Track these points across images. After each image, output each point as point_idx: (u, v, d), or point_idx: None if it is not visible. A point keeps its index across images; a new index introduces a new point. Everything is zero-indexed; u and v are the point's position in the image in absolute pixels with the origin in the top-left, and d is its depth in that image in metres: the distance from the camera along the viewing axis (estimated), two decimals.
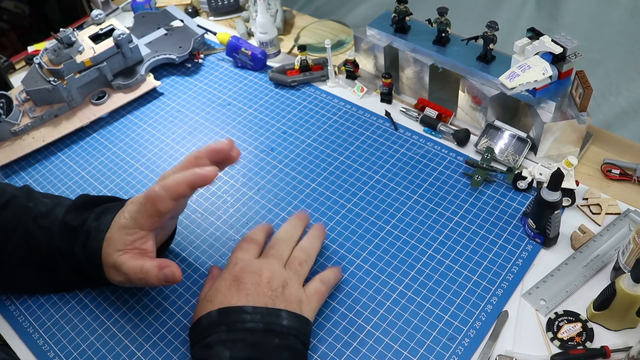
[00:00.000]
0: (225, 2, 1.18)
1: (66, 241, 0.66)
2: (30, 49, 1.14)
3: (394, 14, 0.88)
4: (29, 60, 1.13)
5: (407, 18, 0.88)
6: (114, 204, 0.68)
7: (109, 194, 0.84)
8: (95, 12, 1.01)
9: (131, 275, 0.61)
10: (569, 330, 0.61)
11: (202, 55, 1.06)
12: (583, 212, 0.73)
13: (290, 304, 0.59)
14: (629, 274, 0.56)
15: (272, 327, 0.56)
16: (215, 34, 1.07)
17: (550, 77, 0.73)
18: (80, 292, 0.71)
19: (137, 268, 0.61)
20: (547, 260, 0.69)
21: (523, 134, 0.80)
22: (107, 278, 0.64)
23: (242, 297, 0.58)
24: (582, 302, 0.64)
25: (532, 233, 0.70)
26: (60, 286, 0.71)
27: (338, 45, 1.07)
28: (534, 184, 0.76)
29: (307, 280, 0.65)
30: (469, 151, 0.84)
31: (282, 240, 0.67)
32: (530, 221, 0.69)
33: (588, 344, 0.60)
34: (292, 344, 0.57)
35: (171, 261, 0.62)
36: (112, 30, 0.98)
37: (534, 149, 0.80)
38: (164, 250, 0.74)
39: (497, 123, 0.82)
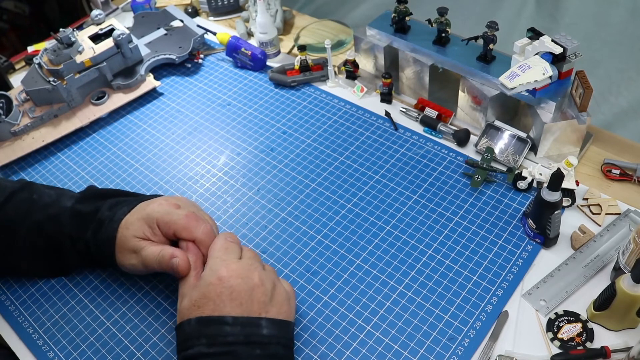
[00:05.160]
0: (225, 2, 1.18)
1: (76, 227, 0.68)
2: (30, 49, 1.14)
3: (394, 14, 0.88)
4: (29, 61, 1.13)
5: (407, 18, 0.88)
6: (128, 198, 0.69)
7: None
8: (95, 12, 1.01)
9: (148, 259, 0.62)
10: (569, 330, 0.61)
11: (202, 55, 1.06)
12: (583, 212, 0.73)
13: (282, 305, 0.58)
14: (629, 274, 0.56)
15: (252, 339, 0.55)
16: (215, 34, 1.07)
17: (550, 77, 0.73)
18: (80, 292, 0.71)
19: (156, 252, 0.62)
20: (547, 260, 0.69)
21: (523, 134, 0.80)
22: (117, 262, 0.65)
23: (236, 306, 0.56)
24: (582, 302, 0.64)
25: (532, 233, 0.70)
26: (64, 269, 0.73)
27: (338, 45, 1.07)
28: (534, 184, 0.76)
29: None
30: (469, 151, 0.84)
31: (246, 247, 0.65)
32: (530, 221, 0.69)
33: (588, 344, 0.60)
34: (274, 352, 0.56)
35: (184, 253, 0.61)
36: (112, 30, 0.98)
37: (534, 149, 0.80)
38: None
39: (497, 123, 0.82)
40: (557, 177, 0.62)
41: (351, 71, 0.96)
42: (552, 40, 0.72)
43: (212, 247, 0.62)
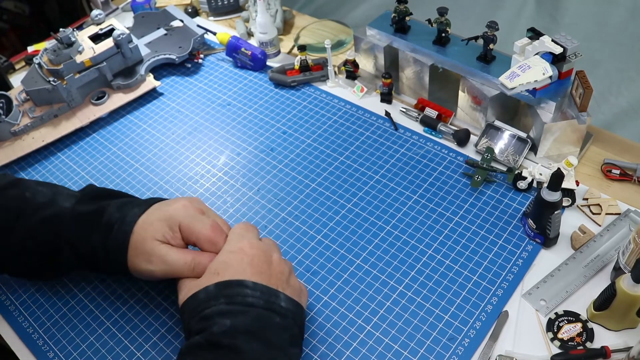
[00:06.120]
0: (225, 2, 1.18)
1: (79, 231, 0.62)
2: (30, 49, 1.14)
3: (394, 14, 0.88)
4: (29, 60, 1.13)
5: (407, 18, 0.88)
6: (133, 199, 0.65)
7: None
8: (95, 12, 1.01)
9: (177, 266, 0.58)
10: (569, 330, 0.61)
11: (202, 55, 1.06)
12: (583, 212, 0.73)
13: (296, 291, 0.59)
14: (629, 274, 0.56)
15: (271, 307, 0.55)
16: (215, 34, 1.07)
17: (550, 77, 0.73)
18: (80, 292, 0.71)
19: (187, 259, 0.58)
20: (547, 260, 0.69)
21: (523, 134, 0.80)
22: (128, 268, 0.60)
23: (256, 273, 0.55)
24: (582, 302, 0.64)
25: (532, 233, 0.70)
26: (52, 276, 0.69)
27: (338, 45, 1.07)
28: (534, 184, 0.76)
29: None
30: (469, 151, 0.84)
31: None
32: (530, 221, 0.69)
33: (588, 344, 0.60)
34: (291, 326, 0.56)
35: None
36: (112, 30, 0.98)
37: (534, 149, 0.80)
38: None
39: (497, 123, 0.82)
40: (557, 177, 0.62)
41: (351, 71, 0.96)
42: (552, 40, 0.72)
43: (232, 230, 0.62)
